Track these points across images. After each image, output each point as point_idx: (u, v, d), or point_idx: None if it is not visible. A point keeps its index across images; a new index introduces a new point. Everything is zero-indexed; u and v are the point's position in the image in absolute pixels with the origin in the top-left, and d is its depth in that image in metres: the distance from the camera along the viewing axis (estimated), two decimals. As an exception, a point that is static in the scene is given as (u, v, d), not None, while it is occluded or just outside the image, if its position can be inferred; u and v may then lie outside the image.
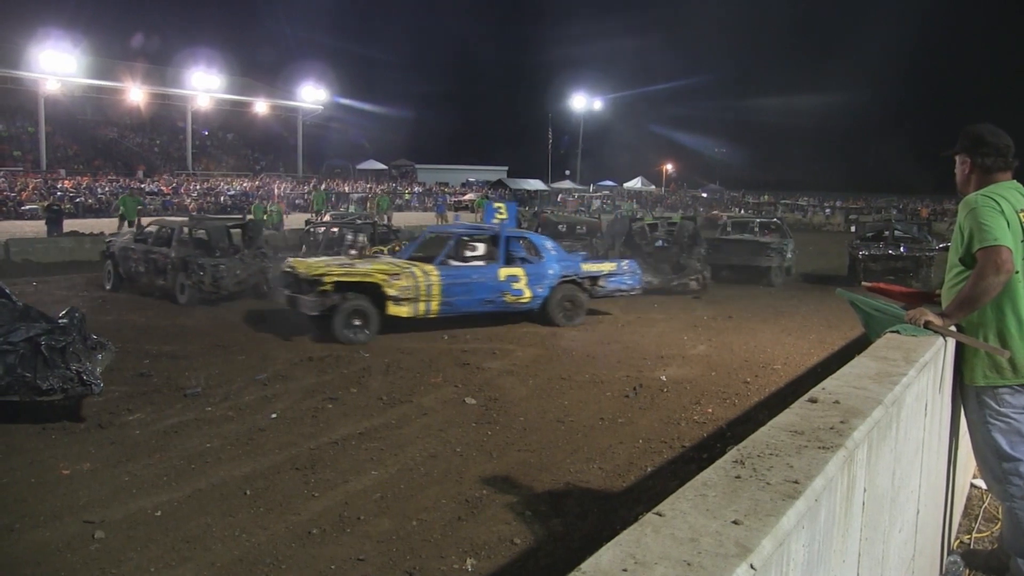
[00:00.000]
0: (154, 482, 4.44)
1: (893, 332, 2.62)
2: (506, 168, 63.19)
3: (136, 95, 44.21)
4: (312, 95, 51.11)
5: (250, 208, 26.37)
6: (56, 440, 5.17)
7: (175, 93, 46.38)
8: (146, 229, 12.75)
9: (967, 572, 3.10)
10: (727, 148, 78.61)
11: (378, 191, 43.38)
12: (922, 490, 2.32)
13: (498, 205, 11.51)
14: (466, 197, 44.92)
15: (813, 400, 1.71)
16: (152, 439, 5.20)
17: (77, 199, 32.11)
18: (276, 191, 39.07)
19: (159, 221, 13.28)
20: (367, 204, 35.24)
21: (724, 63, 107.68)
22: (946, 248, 3.72)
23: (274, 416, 5.76)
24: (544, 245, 10.06)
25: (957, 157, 2.98)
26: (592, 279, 10.06)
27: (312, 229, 15.49)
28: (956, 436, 3.07)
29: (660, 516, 1.06)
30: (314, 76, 51.06)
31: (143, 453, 4.91)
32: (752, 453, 1.34)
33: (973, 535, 3.50)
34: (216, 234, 12.17)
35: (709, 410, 6.13)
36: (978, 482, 3.87)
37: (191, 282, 10.81)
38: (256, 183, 42.92)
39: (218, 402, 6.10)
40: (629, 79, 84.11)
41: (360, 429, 5.48)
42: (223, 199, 36.48)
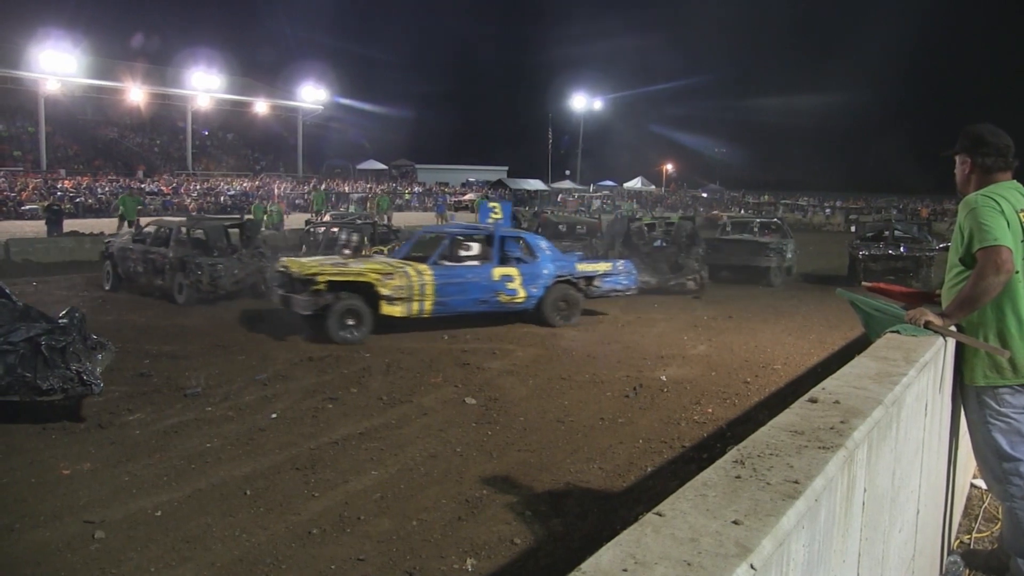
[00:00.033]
0: (154, 482, 4.44)
1: (893, 332, 2.62)
2: (506, 168, 63.18)
3: (136, 95, 44.20)
4: (312, 95, 51.11)
5: (250, 208, 26.39)
6: (56, 440, 5.17)
7: (175, 93, 46.38)
8: (144, 229, 12.76)
9: (967, 572, 3.10)
10: (727, 148, 78.72)
11: (378, 191, 43.38)
12: (922, 490, 2.32)
13: (493, 205, 11.47)
14: (466, 197, 44.93)
15: (813, 400, 1.71)
16: (152, 439, 5.20)
17: (77, 199, 32.13)
18: (276, 191, 39.07)
19: (157, 221, 13.28)
20: (367, 204, 35.23)
21: (724, 63, 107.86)
22: (946, 248, 3.72)
23: (274, 416, 5.76)
24: (539, 245, 10.03)
25: (957, 157, 2.98)
26: (587, 279, 10.04)
27: (312, 229, 15.49)
28: (956, 436, 3.07)
29: (660, 516, 1.06)
30: (314, 76, 51.13)
31: (143, 453, 4.91)
32: (752, 453, 1.34)
33: (973, 535, 3.50)
34: (214, 234, 12.19)
35: (709, 410, 6.13)
36: (978, 482, 3.87)
37: (189, 282, 10.82)
38: (256, 183, 42.92)
39: (218, 402, 6.11)
40: (629, 79, 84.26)
41: (360, 429, 5.48)
42: (223, 199, 36.49)
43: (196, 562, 3.52)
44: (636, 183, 64.13)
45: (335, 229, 14.33)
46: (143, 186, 36.70)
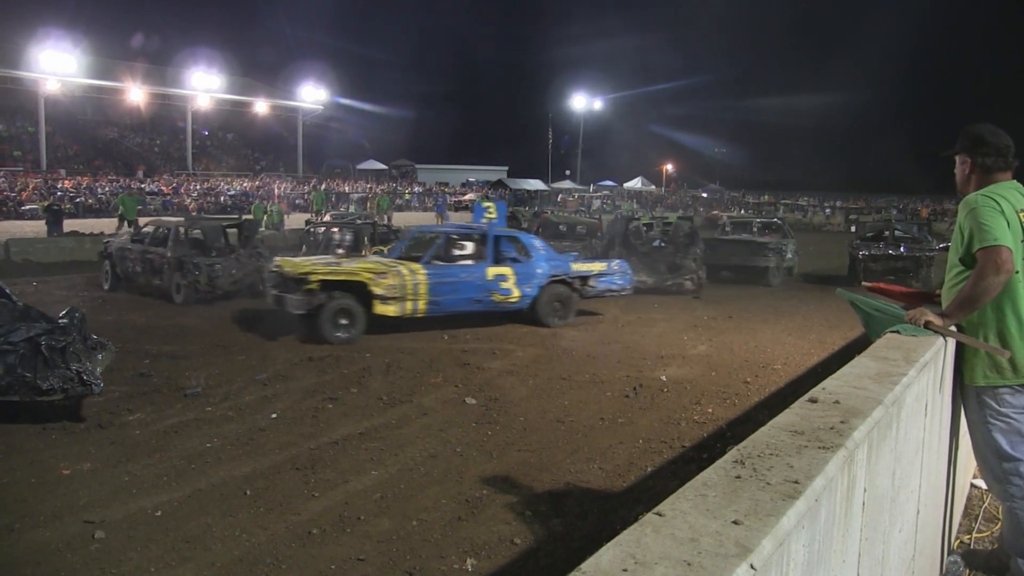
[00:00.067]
0: (154, 482, 4.44)
1: (893, 332, 2.62)
2: (506, 168, 63.16)
3: (136, 95, 44.19)
4: (312, 95, 51.10)
5: (250, 208, 26.40)
6: (56, 440, 5.17)
7: (175, 93, 46.36)
8: (143, 229, 12.77)
9: (967, 572, 3.10)
10: (727, 148, 78.72)
11: (378, 191, 43.38)
12: (922, 490, 2.32)
13: (487, 204, 11.46)
14: (466, 197, 44.90)
15: (813, 400, 1.71)
16: (152, 439, 5.20)
17: (77, 199, 32.12)
18: (276, 191, 39.07)
19: (156, 221, 13.32)
20: (367, 204, 35.23)
21: (724, 63, 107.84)
22: (946, 248, 3.72)
23: (274, 416, 5.76)
24: (533, 244, 10.00)
25: (957, 157, 2.98)
26: (582, 279, 10.00)
27: (312, 229, 15.50)
28: (956, 436, 3.07)
29: (660, 516, 1.06)
30: (314, 76, 51.11)
31: (143, 453, 4.91)
32: (752, 453, 1.34)
33: (973, 535, 3.50)
34: (212, 234, 12.21)
35: (709, 410, 6.13)
36: (978, 482, 3.87)
37: (187, 282, 10.84)
38: (256, 183, 42.91)
39: (218, 402, 6.11)
40: (629, 79, 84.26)
41: (360, 429, 5.48)
42: (223, 199, 36.48)
43: (196, 562, 3.52)
44: (636, 183, 64.11)
45: (335, 229, 14.33)
46: (143, 186, 36.69)
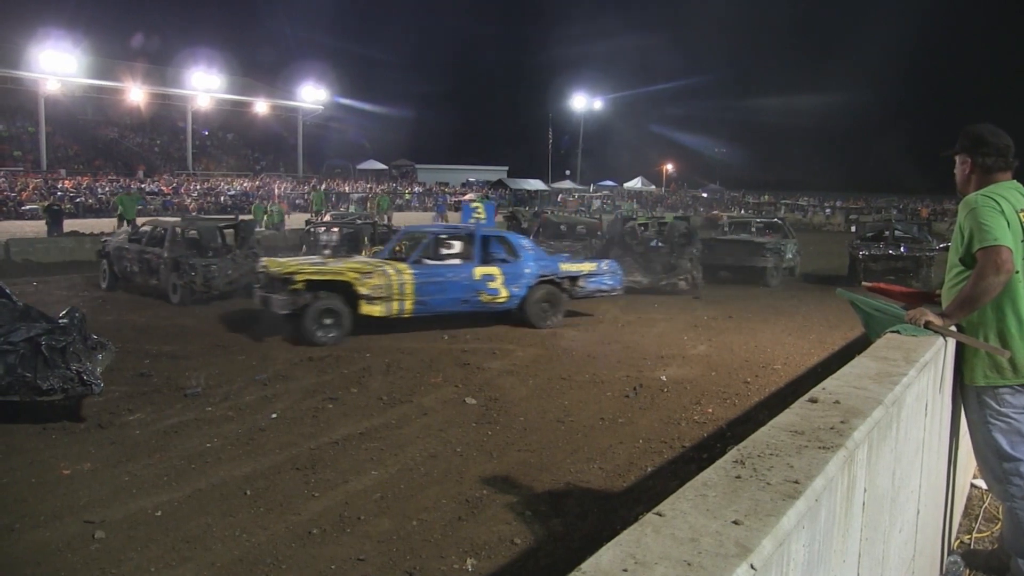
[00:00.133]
0: (154, 482, 4.44)
1: (893, 332, 2.62)
2: (506, 168, 63.17)
3: (136, 95, 44.17)
4: (312, 95, 51.08)
5: (250, 208, 26.40)
6: (56, 440, 5.17)
7: (175, 93, 46.34)
8: (141, 229, 12.80)
9: (967, 572, 3.10)
10: (727, 148, 78.70)
11: (378, 191, 43.38)
12: (922, 490, 2.32)
13: (475, 204, 11.45)
14: (466, 197, 44.87)
15: (813, 400, 1.71)
16: (152, 439, 5.20)
17: (77, 199, 32.12)
18: (276, 191, 39.07)
19: (153, 221, 13.37)
20: (367, 204, 35.22)
21: (724, 63, 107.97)
22: (946, 248, 3.71)
23: (274, 416, 5.76)
24: (521, 244, 9.95)
25: (957, 157, 2.98)
26: (571, 279, 9.96)
27: (312, 229, 15.51)
28: (956, 436, 3.07)
29: (660, 516, 1.06)
30: (314, 76, 51.08)
31: (143, 453, 4.92)
32: (752, 453, 1.34)
33: (973, 535, 3.50)
34: (208, 234, 12.25)
35: (709, 410, 6.13)
36: (978, 482, 3.87)
37: (183, 282, 10.88)
38: (256, 183, 42.91)
39: (218, 402, 6.11)
40: (629, 79, 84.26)
41: (360, 429, 5.48)
42: (223, 199, 36.48)
43: (196, 562, 3.52)
44: (636, 183, 64.10)
45: (335, 229, 14.35)
46: (143, 186, 36.68)
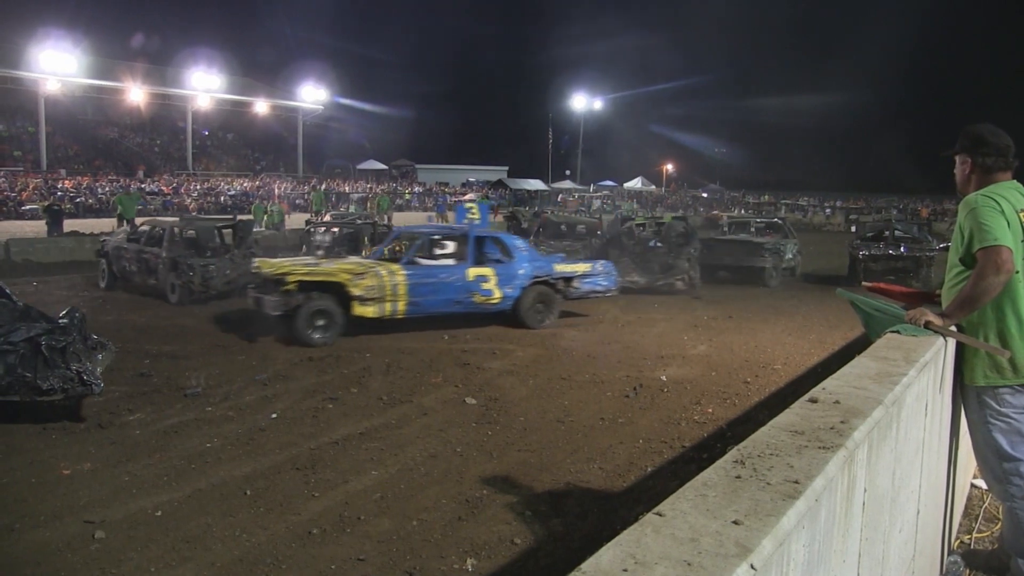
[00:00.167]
0: (154, 482, 4.44)
1: (893, 332, 2.61)
2: (506, 168, 63.16)
3: (136, 95, 44.17)
4: (312, 95, 51.07)
5: (250, 208, 26.40)
6: (56, 440, 5.17)
7: (175, 93, 46.34)
8: (139, 229, 12.82)
9: (967, 572, 3.10)
10: (727, 148, 78.71)
11: (378, 191, 43.38)
12: (922, 490, 2.32)
13: (470, 205, 11.40)
14: (466, 197, 44.90)
15: (813, 400, 1.70)
16: (152, 439, 5.20)
17: (77, 199, 32.13)
18: (276, 191, 39.07)
19: (151, 221, 13.39)
20: (367, 204, 35.22)
21: (724, 63, 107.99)
22: (946, 248, 3.72)
23: (274, 416, 5.76)
24: (515, 245, 9.90)
25: (957, 157, 2.98)
26: (566, 280, 9.92)
27: (312, 229, 15.51)
28: (956, 436, 3.07)
29: (660, 516, 1.06)
30: (314, 76, 51.08)
31: (143, 453, 4.92)
32: (752, 453, 1.34)
33: (973, 535, 3.50)
34: (206, 234, 12.29)
35: (709, 410, 6.13)
36: (978, 482, 3.87)
37: (181, 282, 10.91)
38: (256, 183, 42.92)
39: (218, 402, 6.11)
40: (629, 79, 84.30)
41: (360, 429, 5.48)
42: (223, 199, 36.48)
43: (196, 562, 3.52)
44: (636, 183, 64.11)
45: (335, 229, 14.35)
46: (143, 186, 36.68)
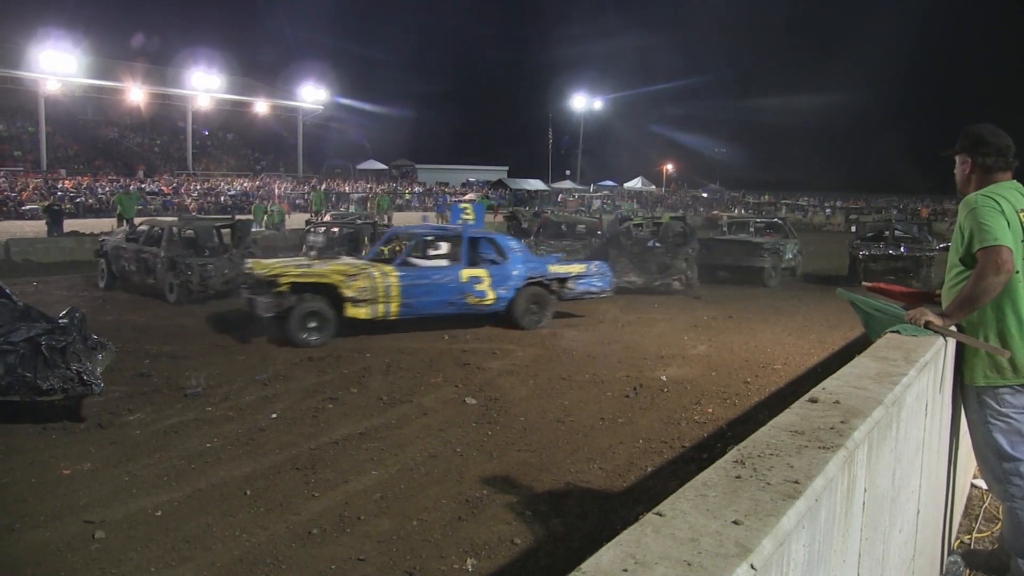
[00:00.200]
0: (154, 482, 4.44)
1: (893, 332, 2.61)
2: (506, 168, 63.19)
3: (136, 95, 44.19)
4: (312, 95, 51.09)
5: (251, 208, 26.40)
6: (56, 440, 5.17)
7: (175, 93, 46.37)
8: (138, 228, 12.85)
9: (967, 572, 3.10)
10: (727, 148, 78.73)
11: (378, 191, 43.39)
12: (922, 490, 2.32)
13: (464, 205, 11.37)
14: (466, 197, 44.90)
15: (813, 400, 1.70)
16: (152, 439, 5.20)
17: (77, 199, 32.14)
18: (276, 191, 39.08)
19: (150, 221, 13.43)
20: (367, 204, 35.23)
21: (724, 63, 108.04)
22: (946, 248, 3.72)
23: (274, 416, 5.76)
24: (509, 246, 9.85)
25: (957, 157, 2.98)
26: (560, 281, 9.87)
27: (312, 229, 15.51)
28: (956, 436, 3.07)
29: (660, 516, 1.06)
30: (314, 76, 51.11)
31: (143, 453, 4.92)
32: (752, 453, 1.33)
33: (973, 535, 3.50)
34: (204, 234, 12.33)
35: (709, 410, 6.13)
36: (978, 482, 3.87)
37: (179, 281, 10.94)
38: (256, 183, 42.93)
39: (218, 402, 6.11)
40: (629, 79, 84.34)
41: (360, 429, 5.48)
42: (223, 199, 36.48)
43: (196, 562, 3.52)
44: (636, 183, 64.11)
45: (334, 229, 14.34)
46: (143, 186, 36.68)
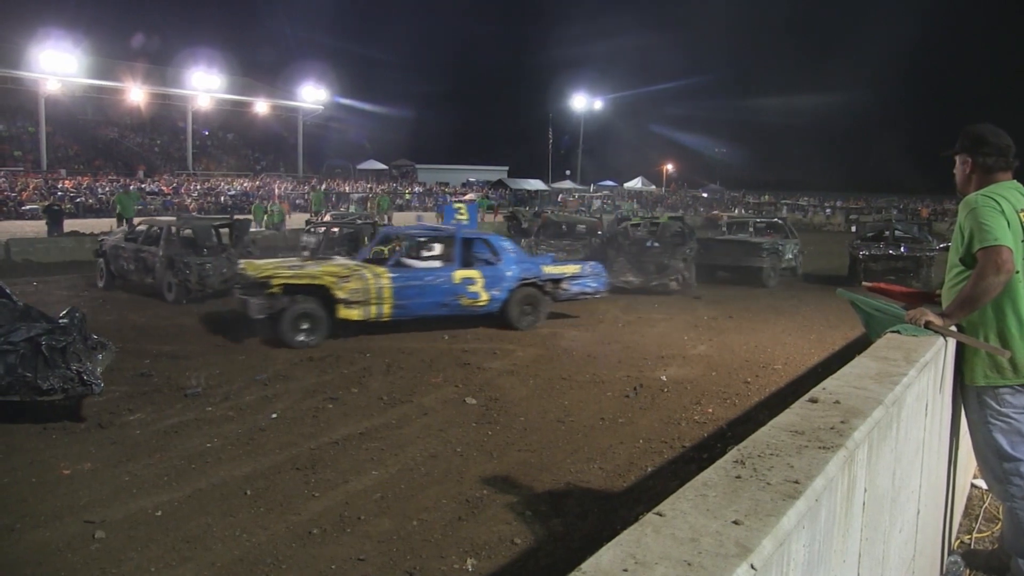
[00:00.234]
0: (154, 482, 4.45)
1: (894, 332, 2.61)
2: (506, 168, 63.20)
3: (136, 95, 44.20)
4: (312, 95, 51.10)
5: (251, 208, 26.41)
6: (57, 440, 5.17)
7: (175, 93, 46.39)
8: (137, 228, 12.88)
9: (968, 572, 3.10)
10: (727, 148, 78.68)
11: (378, 191, 43.39)
12: (922, 490, 2.32)
13: (458, 205, 11.35)
14: (466, 197, 44.91)
15: (813, 400, 1.70)
16: (152, 439, 5.20)
17: (78, 199, 32.16)
18: (276, 191, 39.08)
19: (149, 220, 13.47)
20: (367, 204, 35.22)
21: (724, 63, 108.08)
22: (946, 248, 3.72)
23: (274, 416, 5.76)
24: (503, 247, 9.79)
25: (957, 157, 2.98)
26: (554, 281, 9.84)
27: (312, 229, 15.52)
28: (956, 436, 3.07)
29: (660, 516, 1.06)
30: (314, 76, 51.13)
31: (143, 453, 4.92)
32: (752, 453, 1.34)
33: (974, 535, 3.50)
34: (203, 233, 12.37)
35: (709, 410, 6.13)
36: (978, 482, 3.87)
37: (177, 280, 10.99)
38: (256, 183, 42.95)
39: (218, 402, 6.11)
40: (629, 79, 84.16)
41: (360, 429, 5.48)
42: (223, 199, 36.49)
43: (196, 562, 3.52)
44: (636, 183, 64.11)
45: (335, 229, 14.35)
46: (143, 186, 36.69)
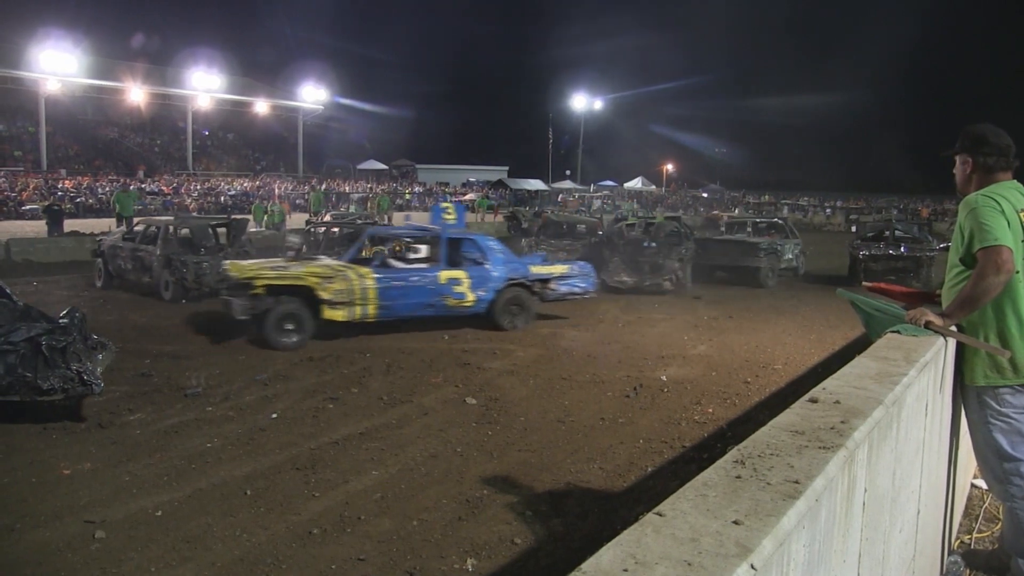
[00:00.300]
0: (155, 482, 4.45)
1: (894, 332, 2.61)
2: (507, 168, 63.19)
3: (136, 95, 44.18)
4: (312, 95, 51.09)
5: (251, 208, 26.40)
6: (57, 440, 5.17)
7: (175, 93, 46.37)
8: (135, 228, 12.91)
9: (968, 572, 3.10)
10: (727, 148, 78.67)
11: (378, 191, 43.37)
12: (923, 490, 2.32)
13: (445, 205, 11.28)
14: (467, 197, 44.92)
15: (814, 400, 1.70)
16: (153, 439, 5.20)
17: (78, 199, 32.14)
18: (276, 191, 39.07)
19: (146, 220, 13.53)
20: (367, 204, 35.21)
21: (724, 63, 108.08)
22: (946, 248, 3.72)
23: (275, 416, 5.76)
24: (489, 247, 9.74)
25: (958, 157, 2.98)
26: (542, 282, 9.81)
27: (312, 229, 15.51)
28: (956, 436, 3.07)
29: (661, 516, 1.06)
30: (314, 76, 51.10)
31: (144, 453, 4.92)
32: (753, 453, 1.34)
33: (974, 535, 3.50)
34: (200, 233, 12.41)
35: (710, 410, 6.13)
36: (979, 482, 3.87)
37: (174, 279, 11.04)
38: (256, 183, 42.94)
39: (219, 402, 6.11)
40: (630, 79, 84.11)
41: (360, 429, 5.48)
42: (223, 199, 36.49)
43: (196, 562, 3.52)
44: (636, 183, 64.10)
45: (335, 229, 14.35)
46: (143, 186, 36.68)
